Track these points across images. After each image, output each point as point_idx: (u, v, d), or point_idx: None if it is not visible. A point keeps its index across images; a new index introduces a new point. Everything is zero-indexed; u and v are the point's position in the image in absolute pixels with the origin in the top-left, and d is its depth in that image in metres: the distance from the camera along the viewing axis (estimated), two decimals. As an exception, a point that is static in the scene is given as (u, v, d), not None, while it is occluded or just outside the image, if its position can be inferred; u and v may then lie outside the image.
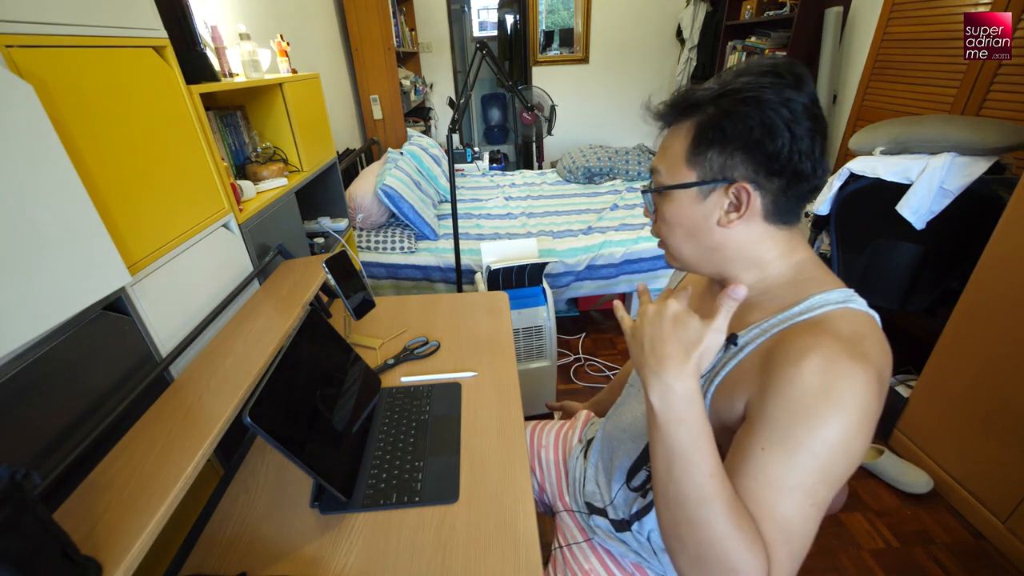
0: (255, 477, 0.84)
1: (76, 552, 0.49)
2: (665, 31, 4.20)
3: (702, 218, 0.57)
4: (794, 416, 0.47)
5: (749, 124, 0.52)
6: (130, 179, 0.75)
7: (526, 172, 3.58)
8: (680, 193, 0.57)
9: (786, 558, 0.46)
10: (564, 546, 0.85)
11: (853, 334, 0.50)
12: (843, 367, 0.47)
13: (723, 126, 0.53)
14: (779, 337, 0.53)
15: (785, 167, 0.52)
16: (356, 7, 2.87)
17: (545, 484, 0.97)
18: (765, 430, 0.49)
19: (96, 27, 0.71)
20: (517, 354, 1.62)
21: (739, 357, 0.56)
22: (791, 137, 0.51)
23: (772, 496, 0.47)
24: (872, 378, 0.47)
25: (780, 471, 0.47)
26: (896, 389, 1.67)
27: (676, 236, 0.60)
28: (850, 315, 0.52)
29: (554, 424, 1.05)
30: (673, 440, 0.49)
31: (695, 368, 0.49)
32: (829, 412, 0.46)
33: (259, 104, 1.36)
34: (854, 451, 0.48)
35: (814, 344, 0.49)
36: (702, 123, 0.55)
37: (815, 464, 0.47)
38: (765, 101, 0.51)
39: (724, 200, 0.55)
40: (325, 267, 1.08)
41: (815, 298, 0.54)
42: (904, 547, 1.36)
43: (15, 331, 0.54)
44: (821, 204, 1.76)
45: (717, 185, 0.55)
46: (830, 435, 0.46)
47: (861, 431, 0.47)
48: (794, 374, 0.48)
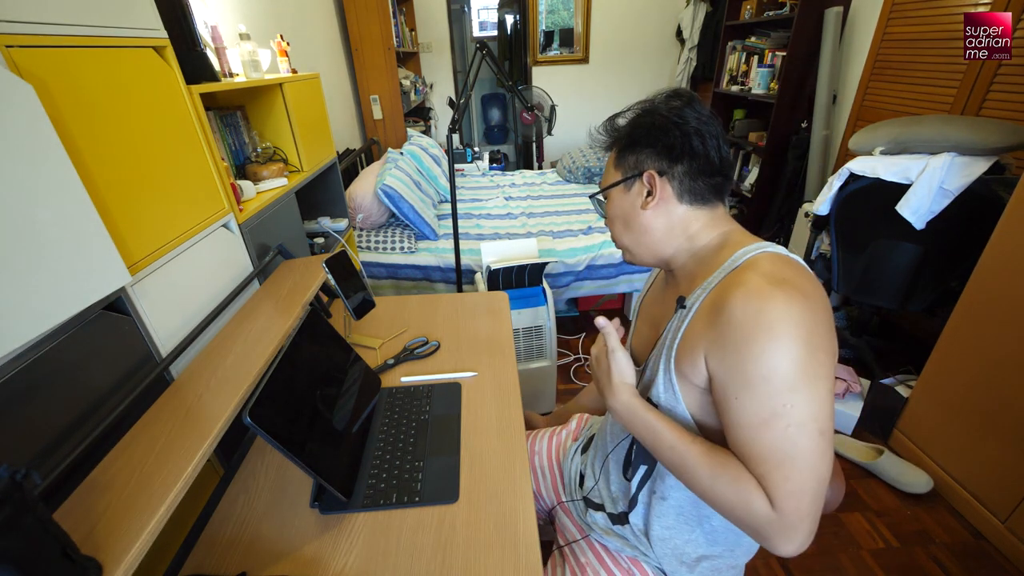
0: (255, 477, 0.84)
1: (76, 552, 0.49)
2: (665, 31, 4.20)
3: (629, 206, 0.69)
4: (739, 354, 0.53)
5: (647, 126, 0.66)
6: (130, 179, 0.75)
7: (526, 172, 3.58)
8: (613, 191, 0.71)
9: (781, 481, 0.52)
10: (563, 545, 0.86)
11: (772, 268, 0.57)
12: (763, 294, 0.53)
13: (632, 134, 0.68)
14: (717, 289, 0.60)
15: (682, 155, 0.64)
16: (356, 7, 2.87)
17: (541, 489, 0.98)
18: (728, 379, 0.55)
19: (96, 27, 0.71)
20: (517, 354, 1.62)
21: (689, 316, 0.62)
22: (680, 133, 0.64)
23: (753, 433, 0.54)
24: (794, 295, 0.52)
25: (752, 409, 0.53)
26: (896, 389, 1.67)
27: (616, 228, 0.73)
28: (769, 256, 0.60)
29: (546, 432, 1.06)
30: (638, 430, 0.65)
31: (619, 385, 0.67)
32: (764, 337, 0.52)
33: (259, 104, 1.36)
34: (805, 361, 0.52)
35: (738, 283, 0.56)
36: (620, 138, 0.70)
37: (772, 388, 0.52)
38: (656, 110, 0.67)
39: (643, 189, 0.67)
40: (325, 267, 1.08)
41: (739, 251, 0.63)
42: (904, 547, 1.36)
43: (15, 331, 0.54)
44: (821, 204, 1.76)
45: (635, 178, 0.68)
46: (773, 358, 0.52)
47: (799, 342, 0.51)
48: (728, 316, 0.55)
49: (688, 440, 0.60)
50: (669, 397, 0.64)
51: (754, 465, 0.54)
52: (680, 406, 0.63)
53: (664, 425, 0.62)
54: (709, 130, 0.64)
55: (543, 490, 0.98)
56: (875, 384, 1.73)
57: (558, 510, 0.93)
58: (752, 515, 0.53)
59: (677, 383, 0.63)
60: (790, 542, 0.52)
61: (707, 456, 0.57)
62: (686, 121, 0.64)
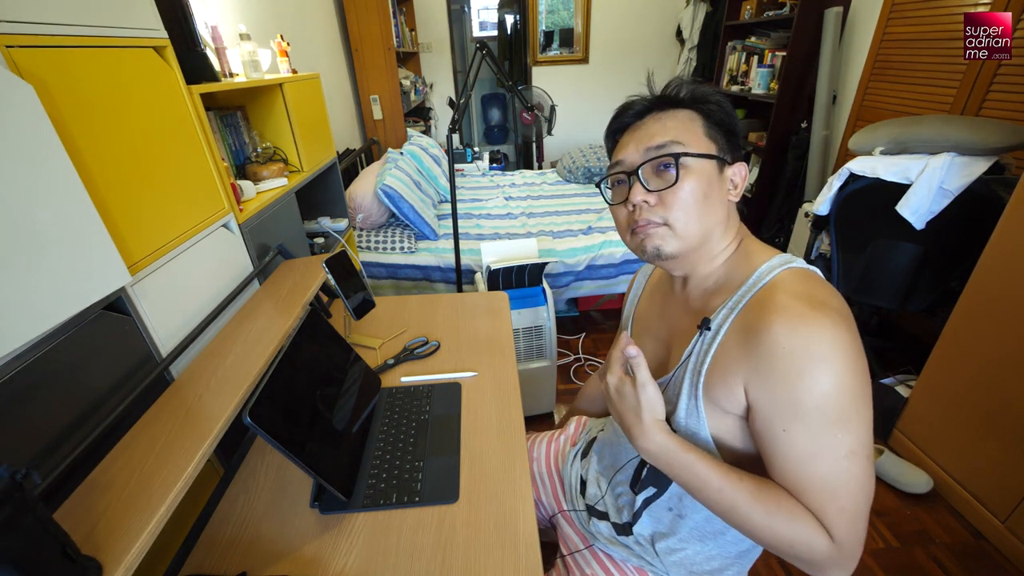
0: (255, 477, 0.84)
1: (76, 552, 0.49)
2: (665, 31, 4.20)
3: (719, 191, 0.62)
4: (792, 386, 0.51)
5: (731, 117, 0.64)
6: (130, 179, 0.75)
7: (526, 172, 3.58)
8: (707, 164, 0.62)
9: (837, 513, 0.51)
10: (566, 555, 0.84)
11: (806, 288, 0.55)
12: (808, 321, 0.51)
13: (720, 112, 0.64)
14: (746, 310, 0.57)
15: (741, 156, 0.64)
16: (356, 7, 2.87)
17: (542, 497, 0.96)
18: (778, 412, 0.53)
19: (96, 27, 0.71)
20: (517, 354, 1.62)
21: (717, 340, 0.59)
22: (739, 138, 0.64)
23: (806, 467, 0.52)
24: (837, 319, 0.51)
25: (803, 441, 0.51)
26: (896, 389, 1.67)
27: (694, 210, 0.61)
28: (795, 273, 0.58)
29: (543, 436, 1.04)
30: (675, 478, 0.60)
31: (652, 424, 0.59)
32: (815, 367, 0.50)
33: (259, 104, 1.36)
34: (856, 388, 0.50)
35: (776, 307, 0.53)
36: (706, 110, 0.64)
37: (828, 419, 0.50)
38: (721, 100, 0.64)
39: (729, 176, 0.63)
40: (325, 267, 1.08)
41: (762, 267, 0.60)
42: (904, 547, 1.36)
43: (15, 331, 0.54)
44: (821, 204, 1.76)
45: (726, 162, 0.63)
46: (825, 387, 0.50)
47: (850, 368, 0.50)
48: (773, 344, 0.52)
49: (736, 480, 0.55)
50: (692, 422, 0.61)
51: (807, 498, 0.52)
52: (703, 431, 0.60)
53: (708, 466, 0.56)
54: None
55: (543, 497, 0.96)
56: (875, 384, 1.73)
57: (560, 518, 0.91)
58: (813, 551, 0.52)
59: (704, 410, 0.60)
60: (846, 570, 0.52)
61: (759, 495, 0.54)
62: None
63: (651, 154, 0.62)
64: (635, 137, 0.64)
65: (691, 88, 0.65)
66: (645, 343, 0.75)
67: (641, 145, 0.63)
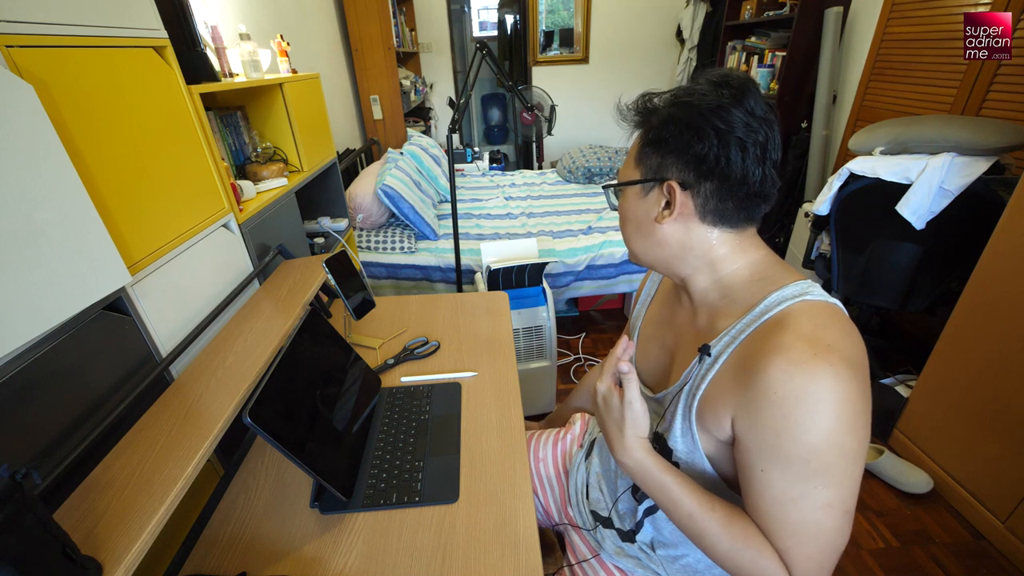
0: (255, 477, 0.84)
1: (76, 552, 0.49)
2: (665, 31, 4.20)
3: (643, 213, 0.61)
4: (777, 432, 0.49)
5: (680, 124, 0.55)
6: (130, 179, 0.75)
7: (526, 172, 3.58)
8: (628, 189, 0.62)
9: (804, 559, 0.51)
10: (574, 564, 0.83)
11: (814, 328, 0.50)
12: (808, 368, 0.47)
13: (661, 129, 0.57)
14: (747, 343, 0.54)
15: (713, 170, 0.54)
16: (356, 7, 2.87)
17: (549, 504, 0.94)
18: (758, 451, 0.52)
19: (96, 27, 0.71)
20: (517, 354, 1.62)
21: (716, 368, 0.57)
22: (719, 143, 0.53)
23: (779, 509, 0.51)
24: (841, 369, 0.47)
25: (780, 486, 0.50)
26: (896, 389, 1.67)
27: (628, 230, 0.65)
28: (809, 308, 0.52)
29: (549, 434, 1.02)
30: (649, 495, 0.60)
31: (633, 440, 0.59)
32: (806, 418, 0.48)
33: (259, 104, 1.36)
34: (846, 445, 0.48)
35: (777, 347, 0.49)
36: (649, 126, 0.59)
37: (809, 470, 0.49)
38: (697, 106, 0.54)
39: (661, 199, 0.59)
40: (325, 267, 1.08)
41: (772, 296, 0.55)
42: (904, 547, 1.36)
43: (15, 331, 0.54)
44: (821, 204, 1.76)
45: (655, 184, 0.59)
46: (813, 439, 0.48)
47: (844, 424, 0.48)
48: (766, 387, 0.49)
49: (708, 508, 0.55)
50: (687, 443, 0.60)
51: (776, 539, 0.52)
52: (699, 453, 0.60)
53: (681, 491, 0.57)
54: (755, 138, 0.53)
55: (551, 503, 0.93)
56: (875, 384, 1.73)
57: (569, 529, 0.89)
58: None
59: (697, 433, 0.59)
60: None
61: (728, 527, 0.54)
62: (730, 127, 0.52)
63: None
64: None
65: (642, 102, 0.61)
66: (651, 349, 0.75)
67: None
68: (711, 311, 0.62)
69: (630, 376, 0.59)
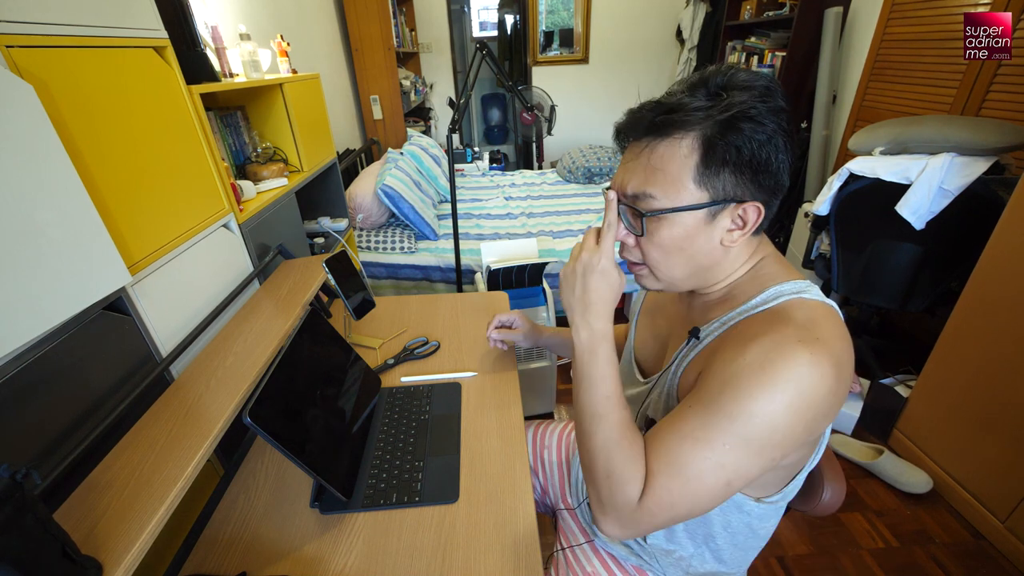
0: (255, 477, 0.84)
1: (76, 552, 0.49)
2: (665, 31, 4.20)
3: (705, 240, 0.55)
4: (724, 384, 0.49)
5: (756, 143, 0.51)
6: (130, 179, 0.75)
7: (526, 172, 3.58)
8: (686, 216, 0.54)
9: (662, 486, 0.49)
10: (566, 547, 0.84)
11: (807, 320, 0.50)
12: (788, 349, 0.47)
13: (738, 145, 0.51)
14: (735, 326, 0.55)
15: (777, 183, 0.54)
16: (356, 7, 2.87)
17: (548, 486, 0.97)
18: (696, 393, 0.52)
19: (96, 27, 0.71)
20: (517, 354, 1.62)
21: (700, 347, 0.59)
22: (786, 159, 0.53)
23: (676, 440, 0.50)
24: (822, 361, 0.46)
25: (693, 424, 0.50)
26: (896, 389, 1.67)
27: (672, 259, 0.57)
28: (805, 304, 0.52)
29: (556, 425, 1.05)
30: (586, 367, 0.57)
31: (612, 309, 0.58)
32: (760, 386, 0.47)
33: (259, 104, 1.36)
34: (782, 428, 0.47)
35: (767, 331, 0.50)
36: (710, 141, 0.51)
37: (729, 426, 0.48)
38: (763, 123, 0.51)
39: (728, 219, 0.54)
40: (325, 267, 1.08)
41: (771, 289, 0.55)
42: (904, 547, 1.36)
43: (15, 331, 0.54)
44: (821, 204, 1.76)
45: (727, 205, 0.53)
46: (754, 407, 0.47)
47: (792, 411, 0.47)
48: (738, 352, 0.49)
49: (621, 403, 0.55)
50: None
51: (653, 459, 0.51)
52: None
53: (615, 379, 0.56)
54: (792, 142, 0.53)
55: (549, 488, 0.97)
56: (875, 384, 1.73)
57: (563, 512, 0.91)
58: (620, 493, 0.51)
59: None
60: (620, 531, 0.52)
61: (624, 425, 0.54)
62: (786, 137, 0.52)
63: (625, 200, 0.57)
64: (625, 165, 0.58)
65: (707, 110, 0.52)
66: (646, 338, 0.77)
67: (623, 184, 0.57)
68: (706, 305, 0.63)
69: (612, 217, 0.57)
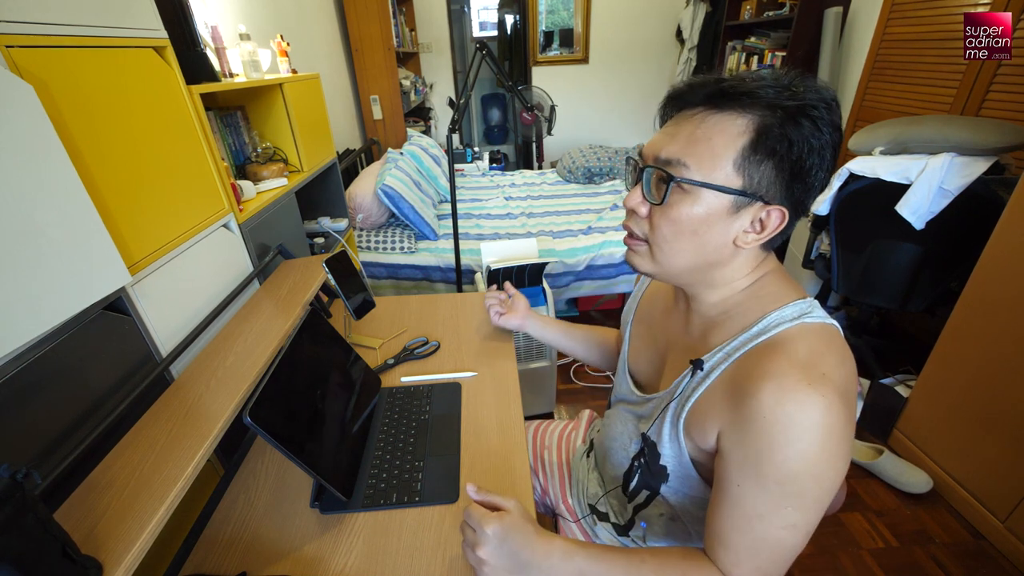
0: (255, 477, 0.84)
1: (76, 552, 0.49)
2: (665, 31, 4.20)
3: (720, 232, 0.52)
4: (760, 453, 0.49)
5: (808, 146, 0.48)
6: (130, 179, 0.75)
7: (526, 172, 3.58)
8: (712, 196, 0.50)
9: (753, 570, 0.52)
10: None
11: (809, 354, 0.49)
12: (799, 397, 0.47)
13: (792, 140, 0.47)
14: (741, 362, 0.54)
15: (806, 197, 0.52)
16: (356, 7, 2.87)
17: (548, 487, 0.97)
18: (739, 467, 0.52)
19: (96, 27, 0.71)
20: (517, 354, 1.62)
21: (706, 383, 0.57)
22: (825, 175, 0.51)
23: (744, 523, 0.52)
24: (832, 400, 0.47)
25: (752, 502, 0.51)
26: (896, 389, 1.67)
27: (680, 242, 0.54)
28: (806, 331, 0.51)
29: (557, 425, 1.05)
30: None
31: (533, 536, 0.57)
32: (789, 444, 0.47)
33: (259, 104, 1.36)
34: (824, 473, 0.48)
35: (770, 372, 0.49)
36: (767, 128, 0.48)
37: (784, 492, 0.49)
38: (822, 129, 0.48)
39: (749, 218, 0.52)
40: (325, 267, 1.08)
41: (771, 316, 0.54)
42: (904, 547, 1.36)
43: (16, 331, 0.54)
44: (821, 204, 1.76)
45: (754, 201, 0.50)
46: (792, 466, 0.48)
47: (825, 454, 0.48)
48: (756, 409, 0.49)
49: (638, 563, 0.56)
50: (674, 449, 0.61)
51: (731, 549, 0.53)
52: (685, 457, 0.61)
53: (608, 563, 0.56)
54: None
55: (550, 488, 0.96)
56: (875, 384, 1.73)
57: (564, 513, 0.91)
58: None
59: (683, 440, 0.60)
60: None
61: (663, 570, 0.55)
62: (833, 160, 0.50)
63: (656, 164, 0.54)
64: (665, 132, 0.54)
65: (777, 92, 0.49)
66: (642, 350, 0.75)
67: (656, 148, 0.54)
68: (707, 323, 0.61)
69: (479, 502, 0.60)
